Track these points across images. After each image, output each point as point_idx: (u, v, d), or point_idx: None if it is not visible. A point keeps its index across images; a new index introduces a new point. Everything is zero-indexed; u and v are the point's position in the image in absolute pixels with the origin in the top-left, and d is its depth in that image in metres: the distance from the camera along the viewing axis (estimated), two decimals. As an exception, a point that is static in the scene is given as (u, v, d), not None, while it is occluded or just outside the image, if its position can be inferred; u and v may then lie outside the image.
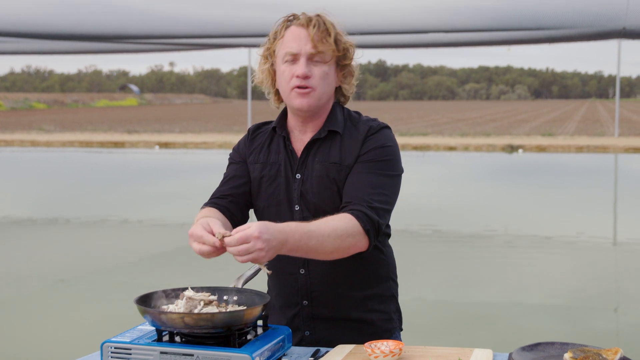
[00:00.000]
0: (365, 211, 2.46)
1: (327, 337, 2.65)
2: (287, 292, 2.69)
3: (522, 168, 22.62)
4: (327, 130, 2.63)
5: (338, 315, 2.67)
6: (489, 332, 6.86)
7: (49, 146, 30.29)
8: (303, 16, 2.60)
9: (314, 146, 2.64)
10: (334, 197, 2.59)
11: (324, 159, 2.61)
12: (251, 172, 2.72)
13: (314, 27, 2.56)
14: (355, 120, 2.68)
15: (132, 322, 2.70)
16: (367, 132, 2.62)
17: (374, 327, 2.70)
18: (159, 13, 19.07)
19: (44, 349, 6.53)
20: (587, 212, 13.95)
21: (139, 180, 19.55)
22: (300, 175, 2.63)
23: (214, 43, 25.26)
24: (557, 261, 9.94)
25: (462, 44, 23.91)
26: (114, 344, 2.32)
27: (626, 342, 6.56)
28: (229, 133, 34.25)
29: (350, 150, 2.60)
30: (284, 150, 2.67)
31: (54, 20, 18.16)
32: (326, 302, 2.66)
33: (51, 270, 9.44)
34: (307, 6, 2.77)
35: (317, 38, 2.55)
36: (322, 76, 2.58)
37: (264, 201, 2.69)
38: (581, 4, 16.38)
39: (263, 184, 2.69)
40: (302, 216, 2.61)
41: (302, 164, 2.63)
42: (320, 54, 2.56)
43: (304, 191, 2.62)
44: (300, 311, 2.69)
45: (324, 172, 2.60)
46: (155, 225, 12.79)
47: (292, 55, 2.57)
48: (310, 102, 2.58)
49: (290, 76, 2.59)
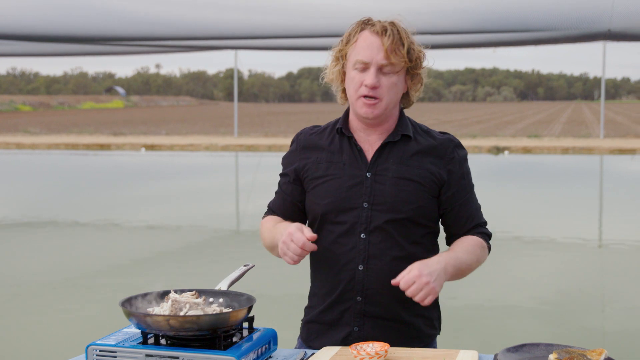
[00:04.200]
0: (484, 231, 2.81)
1: (373, 335, 2.67)
2: (341, 288, 2.71)
3: (508, 169, 22.68)
4: (400, 134, 2.70)
5: (388, 315, 2.69)
6: (474, 334, 6.88)
7: (34, 149, 30.17)
8: (379, 24, 2.61)
9: (387, 148, 2.69)
10: (411, 197, 2.65)
11: (400, 161, 2.67)
12: (312, 172, 2.75)
13: (389, 37, 2.57)
14: (425, 127, 2.80)
15: (118, 325, 2.69)
16: (449, 146, 2.73)
17: (418, 331, 2.74)
18: (145, 15, 19.01)
19: (29, 352, 6.50)
20: (573, 213, 14.00)
21: (125, 182, 19.49)
22: (372, 174, 2.67)
23: (201, 45, 25.22)
24: (543, 262, 9.97)
25: (448, 46, 23.94)
26: (99, 346, 2.32)
27: (611, 343, 6.58)
28: (216, 135, 34.19)
29: (432, 156, 2.70)
30: (350, 150, 2.71)
31: (39, 22, 18.08)
32: (379, 300, 2.68)
33: (36, 273, 9.40)
34: (290, 8, 2.77)
35: (390, 49, 2.57)
36: (390, 87, 2.62)
37: (327, 198, 2.70)
38: (567, 6, 16.44)
39: (327, 181, 2.71)
40: (370, 214, 2.65)
41: (374, 163, 2.68)
42: (392, 65, 2.59)
43: (376, 190, 2.66)
44: (352, 306, 2.70)
45: (401, 173, 2.66)
46: (141, 228, 12.75)
47: (363, 64, 2.61)
48: (375, 113, 2.63)
49: (359, 84, 2.62)
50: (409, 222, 2.65)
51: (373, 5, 17.79)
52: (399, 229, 2.65)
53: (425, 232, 2.71)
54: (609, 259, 10.51)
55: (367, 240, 2.64)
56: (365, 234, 2.65)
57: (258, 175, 19.92)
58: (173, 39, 22.25)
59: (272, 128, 39.75)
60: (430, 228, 2.73)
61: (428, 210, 2.68)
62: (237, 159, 25.92)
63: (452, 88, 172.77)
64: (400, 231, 2.65)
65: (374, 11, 2.86)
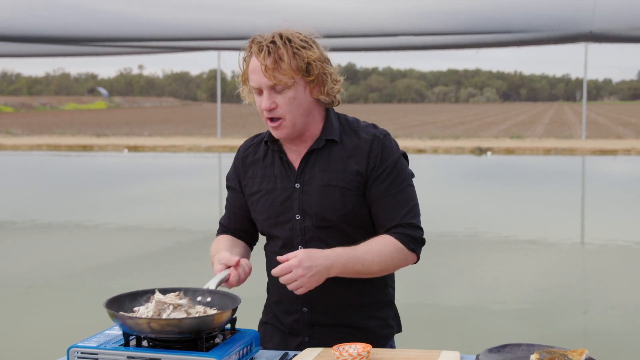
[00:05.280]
0: (406, 232, 2.61)
1: (325, 342, 2.66)
2: (287, 299, 2.71)
3: (491, 170, 22.74)
4: (325, 139, 2.65)
5: (337, 322, 2.69)
6: (456, 335, 6.89)
7: (16, 150, 30.01)
8: (259, 44, 2.55)
9: (312, 156, 2.66)
10: (337, 204, 2.61)
11: (325, 167, 2.63)
12: (249, 188, 2.75)
13: (266, 56, 2.51)
14: (354, 125, 2.71)
15: (99, 327, 2.68)
16: (373, 142, 2.64)
17: (371, 334, 2.73)
18: (128, 15, 18.94)
19: (10, 354, 6.47)
20: (555, 213, 14.05)
21: (108, 184, 19.41)
22: (300, 184, 2.64)
23: (184, 46, 25.14)
24: (525, 263, 10.01)
25: (431, 47, 23.97)
26: (80, 349, 2.31)
27: (593, 343, 6.62)
28: (199, 136, 34.13)
29: (356, 156, 2.63)
30: (280, 162, 2.69)
31: (20, 22, 17.98)
32: (325, 309, 2.68)
33: (17, 274, 9.35)
34: (273, 9, 2.77)
35: (270, 68, 2.50)
36: (288, 103, 2.56)
37: (263, 214, 2.71)
38: (548, 7, 16.49)
39: (261, 197, 2.71)
40: (303, 225, 2.64)
41: (300, 173, 2.65)
42: (279, 82, 2.53)
43: (305, 200, 2.63)
44: (300, 317, 2.71)
45: (326, 180, 2.62)
46: (124, 229, 12.71)
47: (256, 89, 2.59)
48: (284, 132, 2.61)
49: (260, 109, 2.60)
50: (342, 226, 2.63)
51: (356, 5, 17.80)
52: (333, 237, 2.62)
53: (363, 232, 2.66)
54: (590, 260, 10.56)
55: None
56: (302, 245, 2.64)
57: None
58: (156, 39, 22.17)
59: (255, 129, 39.70)
60: (367, 229, 2.68)
61: (358, 213, 2.64)
62: (220, 160, 25.88)
63: (434, 89, 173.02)
64: (335, 238, 2.62)
65: (354, 12, 2.85)
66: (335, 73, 2.65)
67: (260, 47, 2.53)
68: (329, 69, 2.62)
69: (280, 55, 2.51)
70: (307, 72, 2.55)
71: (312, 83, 2.59)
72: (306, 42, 2.57)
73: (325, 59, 2.62)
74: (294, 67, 2.52)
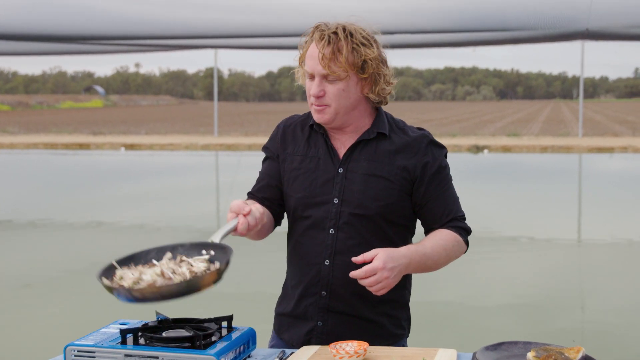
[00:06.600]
0: (461, 225, 2.76)
1: (337, 331, 2.69)
2: (307, 281, 2.72)
3: (488, 168, 22.77)
4: (376, 132, 2.70)
5: (352, 312, 2.71)
6: (452, 332, 6.90)
7: (12, 148, 29.97)
8: (318, 31, 2.59)
9: (359, 145, 2.70)
10: (379, 194, 2.65)
11: (372, 158, 2.68)
12: (288, 163, 2.77)
13: (326, 45, 2.55)
14: (401, 124, 2.78)
15: (96, 325, 2.68)
16: (423, 140, 2.72)
17: (383, 330, 2.75)
18: (125, 14, 18.94)
19: (7, 352, 6.46)
20: (552, 211, 14.06)
21: (105, 182, 19.39)
22: (343, 170, 2.68)
23: (180, 44, 25.12)
24: (521, 260, 10.02)
25: (427, 45, 23.98)
26: (77, 347, 2.31)
27: (589, 340, 6.63)
28: (196, 134, 34.11)
29: (404, 152, 2.69)
30: (324, 146, 2.72)
31: (17, 20, 17.96)
32: (343, 296, 2.69)
33: (15, 272, 9.34)
34: (269, 7, 2.77)
35: (327, 58, 2.55)
36: (337, 93, 2.60)
37: (300, 192, 2.72)
38: (545, 5, 16.52)
39: (301, 174, 2.73)
40: (340, 210, 2.66)
41: (346, 159, 2.69)
42: (333, 73, 2.56)
43: (347, 186, 2.67)
44: (317, 300, 2.72)
45: (372, 170, 2.66)
46: (121, 228, 12.70)
47: (309, 74, 2.63)
48: (325, 118, 2.65)
49: (309, 94, 2.65)
50: (378, 219, 2.66)
51: (354, 4, 17.81)
52: (367, 226, 2.65)
53: (397, 230, 2.71)
54: (587, 257, 10.57)
55: (335, 236, 2.65)
56: (334, 229, 2.66)
57: (238, 174, 19.88)
58: (152, 37, 22.17)
59: (252, 127, 39.69)
60: (402, 226, 2.73)
61: (398, 207, 2.68)
62: (217, 159, 25.86)
63: (431, 87, 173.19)
64: (368, 228, 2.65)
65: (353, 10, 2.84)
66: (389, 75, 2.68)
67: (322, 35, 2.57)
68: (384, 70, 2.65)
69: (339, 48, 2.55)
70: (361, 69, 2.59)
71: (365, 81, 2.63)
72: (367, 39, 2.61)
73: (383, 60, 2.66)
74: (350, 61, 2.56)
